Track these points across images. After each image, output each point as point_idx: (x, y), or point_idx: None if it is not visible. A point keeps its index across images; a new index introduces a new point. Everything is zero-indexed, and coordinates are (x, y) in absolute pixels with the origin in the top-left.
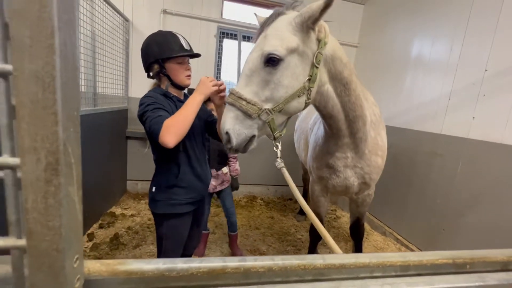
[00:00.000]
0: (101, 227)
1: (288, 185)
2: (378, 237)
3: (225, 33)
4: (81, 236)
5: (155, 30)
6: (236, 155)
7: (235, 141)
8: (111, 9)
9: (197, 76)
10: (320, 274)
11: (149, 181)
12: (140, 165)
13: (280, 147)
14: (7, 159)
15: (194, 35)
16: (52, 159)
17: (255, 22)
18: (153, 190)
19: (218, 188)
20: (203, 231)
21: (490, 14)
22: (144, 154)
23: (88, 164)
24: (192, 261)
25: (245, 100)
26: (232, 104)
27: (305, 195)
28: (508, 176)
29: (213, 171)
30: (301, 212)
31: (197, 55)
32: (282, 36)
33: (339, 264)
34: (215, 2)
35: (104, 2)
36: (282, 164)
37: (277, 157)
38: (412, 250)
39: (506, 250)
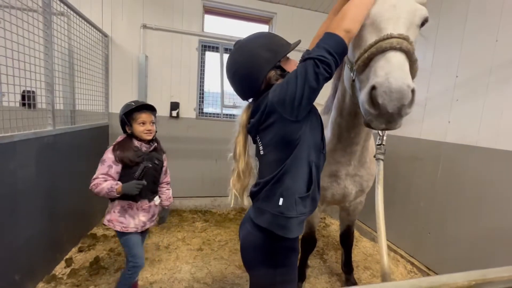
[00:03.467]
0: (80, 250)
1: None
2: (367, 243)
3: (207, 46)
4: None
5: (135, 45)
6: (170, 180)
7: (414, 107)
8: (88, 25)
9: (181, 87)
10: None
11: None
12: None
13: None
14: None
15: (176, 49)
16: None
17: (236, 34)
18: None
19: (147, 225)
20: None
21: (457, 23)
22: None
23: (66, 185)
24: None
25: (413, 49)
26: (409, 54)
27: None
28: (484, 178)
29: (144, 202)
30: None
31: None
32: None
33: None
34: (195, 15)
35: (81, 19)
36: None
37: (381, 144)
38: (400, 255)
39: (467, 274)
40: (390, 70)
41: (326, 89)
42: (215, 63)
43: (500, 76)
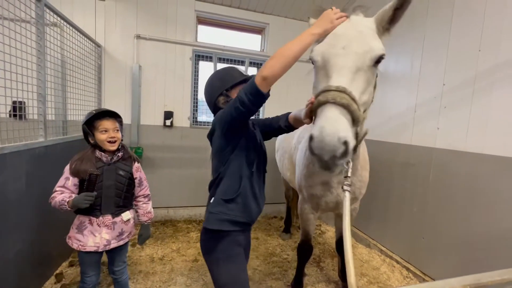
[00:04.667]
0: (71, 265)
1: (271, 203)
2: (363, 250)
3: (200, 56)
4: None
5: (129, 55)
6: (149, 192)
7: (350, 155)
8: (81, 35)
9: (175, 96)
10: None
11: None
12: None
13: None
14: None
15: (169, 58)
16: None
17: (230, 44)
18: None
19: (114, 244)
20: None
21: (442, 35)
22: None
23: None
24: None
25: (356, 103)
26: (345, 106)
27: (288, 211)
28: (473, 183)
29: (108, 218)
30: (286, 231)
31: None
32: (376, 37)
33: None
34: (189, 26)
35: (74, 30)
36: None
37: (347, 176)
38: (396, 260)
39: (462, 278)
40: (324, 124)
41: None
42: (209, 72)
43: (484, 84)
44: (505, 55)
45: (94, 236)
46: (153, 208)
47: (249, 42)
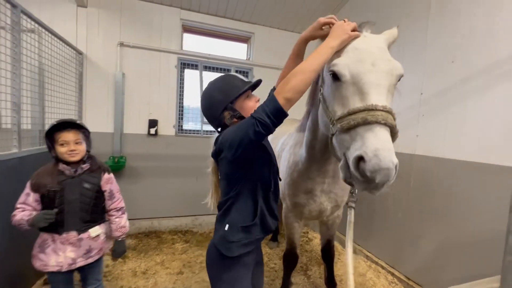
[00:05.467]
0: (46, 283)
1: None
2: None
3: (186, 64)
4: None
5: (112, 63)
6: (122, 205)
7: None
8: (61, 42)
9: (160, 105)
10: None
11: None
12: None
13: None
14: None
15: (154, 66)
16: None
17: (215, 52)
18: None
19: (81, 263)
20: None
21: (419, 47)
22: None
23: None
24: None
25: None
26: (391, 128)
27: None
28: (452, 188)
29: (72, 235)
30: (274, 239)
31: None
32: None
33: None
34: (174, 34)
35: (52, 36)
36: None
37: (353, 193)
38: (381, 266)
39: None
40: (379, 148)
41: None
42: (195, 80)
43: (458, 93)
44: (475, 66)
45: (57, 255)
46: (136, 219)
47: (235, 51)
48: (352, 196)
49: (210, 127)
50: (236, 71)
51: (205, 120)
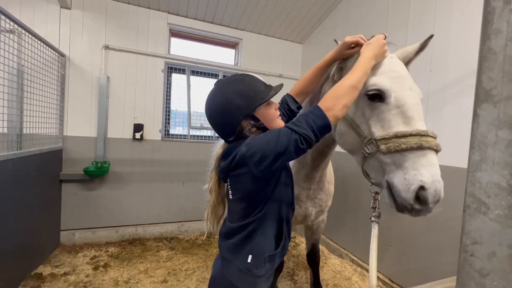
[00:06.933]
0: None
1: None
2: (335, 260)
3: (173, 68)
4: None
5: (96, 66)
6: None
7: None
8: (42, 44)
9: (146, 109)
10: None
11: (88, 229)
12: (78, 211)
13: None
14: None
15: (140, 70)
16: None
17: (203, 57)
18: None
19: None
20: None
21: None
22: (84, 198)
23: (9, 218)
24: None
25: None
26: (436, 152)
27: None
28: None
29: None
30: None
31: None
32: None
33: None
34: (162, 38)
35: (33, 37)
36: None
37: (376, 208)
38: (366, 269)
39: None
40: (434, 174)
41: None
42: (183, 84)
43: (435, 100)
44: (451, 75)
45: None
46: (120, 226)
47: (223, 56)
48: (375, 210)
49: (197, 132)
50: (224, 77)
51: (193, 122)
